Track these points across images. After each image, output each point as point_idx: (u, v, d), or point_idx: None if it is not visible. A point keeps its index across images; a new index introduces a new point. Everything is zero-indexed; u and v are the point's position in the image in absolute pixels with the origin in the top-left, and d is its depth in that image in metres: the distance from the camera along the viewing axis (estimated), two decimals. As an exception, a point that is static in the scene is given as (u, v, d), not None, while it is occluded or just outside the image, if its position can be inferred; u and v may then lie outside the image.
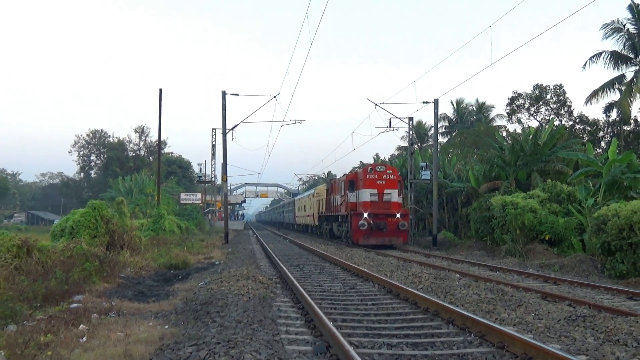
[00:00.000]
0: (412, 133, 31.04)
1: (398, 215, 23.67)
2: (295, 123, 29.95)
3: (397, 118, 28.40)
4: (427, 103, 27.38)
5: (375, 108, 27.71)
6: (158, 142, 35.23)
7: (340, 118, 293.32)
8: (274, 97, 27.76)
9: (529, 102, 40.65)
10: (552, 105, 39.97)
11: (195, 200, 43.72)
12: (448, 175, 31.40)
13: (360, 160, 60.63)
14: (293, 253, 21.00)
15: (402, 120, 28.74)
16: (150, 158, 68.97)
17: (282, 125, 31.59)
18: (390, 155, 56.35)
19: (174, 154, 74.06)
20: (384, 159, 52.19)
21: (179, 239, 25.79)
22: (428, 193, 30.80)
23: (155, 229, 27.13)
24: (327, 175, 68.83)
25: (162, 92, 29.55)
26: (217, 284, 10.49)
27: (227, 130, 28.26)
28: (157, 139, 41.86)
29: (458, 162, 35.02)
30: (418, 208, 30.41)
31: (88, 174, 76.75)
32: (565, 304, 8.76)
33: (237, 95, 28.76)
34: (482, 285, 10.47)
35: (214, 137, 33.94)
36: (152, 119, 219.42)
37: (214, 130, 33.84)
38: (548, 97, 39.95)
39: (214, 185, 43.93)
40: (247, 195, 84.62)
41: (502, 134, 36.48)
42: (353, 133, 53.57)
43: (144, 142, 71.65)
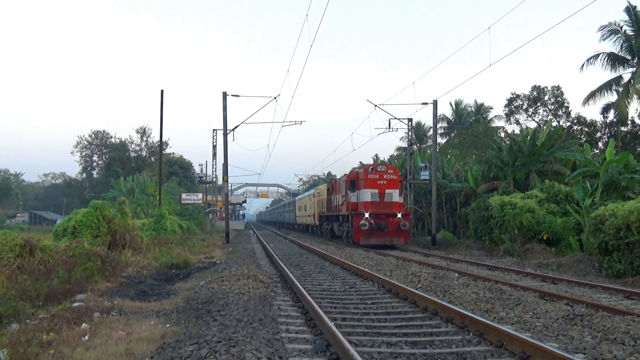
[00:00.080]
0: (411, 134, 31.11)
1: (399, 215, 23.55)
2: (296, 124, 29.98)
3: (396, 119, 28.50)
4: (426, 104, 27.47)
5: (375, 109, 27.81)
6: (160, 142, 35.30)
7: (340, 119, 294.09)
8: (275, 98, 27.82)
9: (527, 103, 40.77)
10: (550, 106, 40.08)
11: (197, 201, 43.72)
12: (447, 176, 31.44)
13: (360, 161, 60.73)
14: (293, 252, 21.03)
15: (401, 121, 28.85)
16: (152, 158, 68.96)
17: (282, 126, 31.66)
18: (390, 156, 56.36)
19: (176, 155, 74.18)
20: (384, 160, 52.21)
21: (180, 239, 25.78)
22: (427, 193, 30.84)
23: (157, 229, 27.16)
24: (327, 176, 68.78)
25: (163, 93, 29.55)
26: (218, 283, 10.55)
27: (228, 131, 28.29)
28: (158, 140, 41.97)
29: (457, 162, 35.04)
30: (417, 208, 30.45)
31: (90, 174, 76.71)
32: (563, 303, 8.79)
33: (238, 96, 28.70)
34: (480, 285, 10.49)
35: (215, 137, 33.96)
36: (153, 120, 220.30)
37: (215, 131, 33.86)
38: (546, 98, 40.07)
39: (215, 186, 43.94)
40: (247, 196, 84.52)
41: (500, 135, 36.50)
42: (353, 134, 53.56)
43: (146, 142, 71.68)
